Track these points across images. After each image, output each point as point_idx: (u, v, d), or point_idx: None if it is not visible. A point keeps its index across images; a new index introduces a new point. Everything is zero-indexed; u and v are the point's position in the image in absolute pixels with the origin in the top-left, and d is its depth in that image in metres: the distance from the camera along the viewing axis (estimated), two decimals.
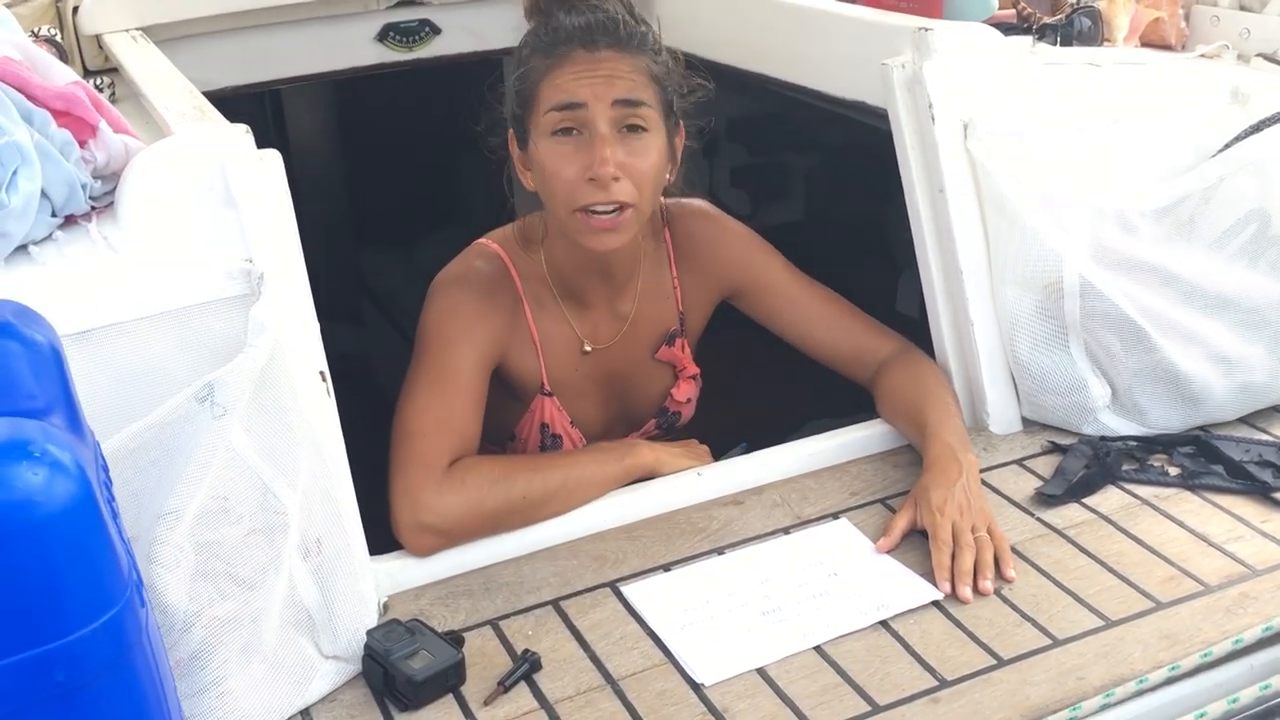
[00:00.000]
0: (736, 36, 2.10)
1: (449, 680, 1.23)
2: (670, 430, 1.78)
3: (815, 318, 1.74)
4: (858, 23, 1.88)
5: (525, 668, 1.25)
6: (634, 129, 1.49)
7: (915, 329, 1.77)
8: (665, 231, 1.74)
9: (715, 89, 1.64)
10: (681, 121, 1.60)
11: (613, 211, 1.48)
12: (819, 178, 2.58)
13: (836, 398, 1.96)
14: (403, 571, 1.41)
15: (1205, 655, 1.25)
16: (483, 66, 1.81)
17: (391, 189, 3.64)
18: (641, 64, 1.51)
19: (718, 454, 1.70)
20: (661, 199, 1.68)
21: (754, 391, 1.93)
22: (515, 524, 1.47)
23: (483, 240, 1.69)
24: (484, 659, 1.28)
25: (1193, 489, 1.55)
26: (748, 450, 1.72)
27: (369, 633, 1.27)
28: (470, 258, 1.67)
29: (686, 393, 1.77)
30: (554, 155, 1.49)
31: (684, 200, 1.75)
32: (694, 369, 1.77)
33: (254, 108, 3.22)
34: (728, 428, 1.87)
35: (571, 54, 1.49)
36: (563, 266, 1.64)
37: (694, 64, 1.63)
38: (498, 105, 1.62)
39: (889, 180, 1.73)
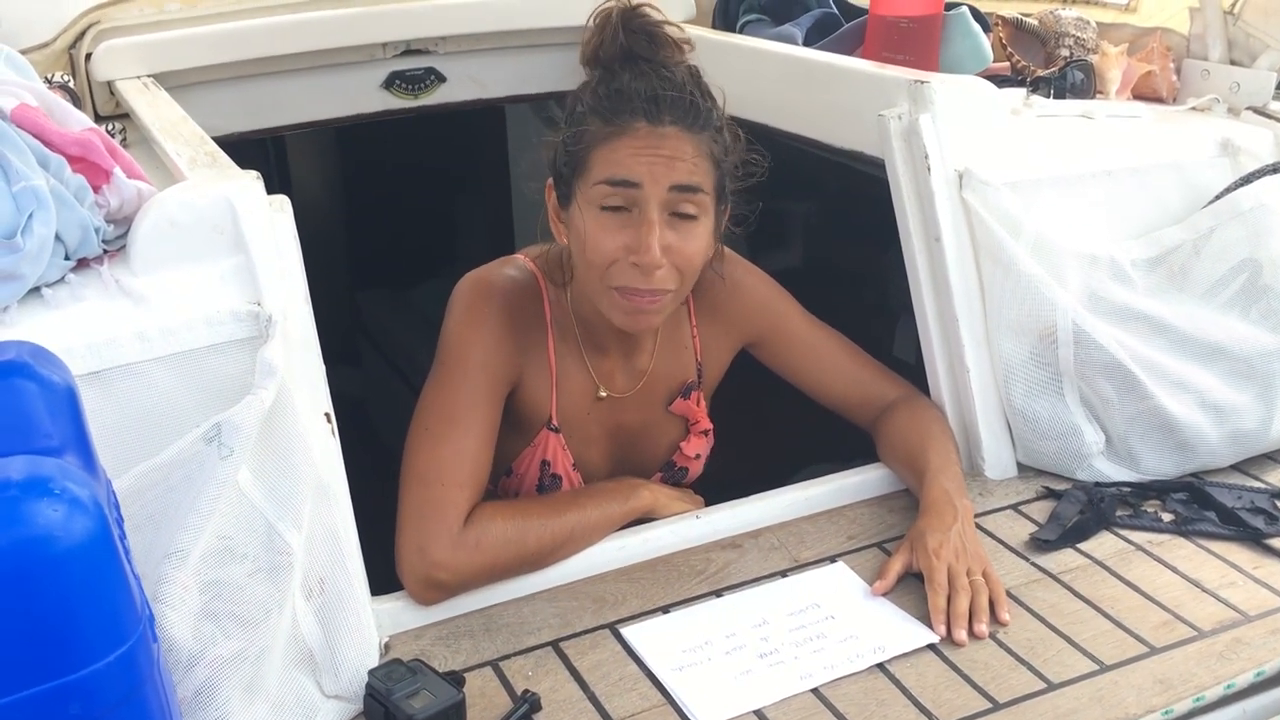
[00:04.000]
0: (736, 88, 2.13)
1: None
2: (677, 484, 1.76)
3: (829, 367, 1.74)
4: (855, 74, 1.91)
5: (525, 708, 1.26)
6: (685, 216, 1.44)
7: (912, 374, 1.79)
8: None
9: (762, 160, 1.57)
10: (729, 199, 1.54)
11: (652, 297, 1.45)
12: (817, 225, 2.61)
13: (833, 443, 1.98)
14: (404, 612, 1.42)
15: (1198, 700, 1.26)
16: (486, 115, 1.84)
17: (394, 233, 3.67)
18: (703, 145, 1.45)
19: (711, 500, 1.70)
20: None
21: (751, 437, 1.95)
22: (523, 573, 1.47)
23: (520, 255, 1.65)
24: (484, 699, 1.29)
25: (1186, 535, 1.56)
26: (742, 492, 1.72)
27: (371, 672, 1.28)
28: (504, 266, 1.62)
29: (696, 448, 1.75)
30: (598, 228, 1.43)
31: None
32: (707, 424, 1.75)
33: (259, 153, 3.27)
34: (724, 473, 1.89)
35: (633, 126, 1.42)
36: (586, 314, 1.61)
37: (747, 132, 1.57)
38: (536, 146, 1.58)
39: (886, 228, 1.76)
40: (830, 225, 2.56)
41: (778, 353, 1.75)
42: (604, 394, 1.67)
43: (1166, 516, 1.60)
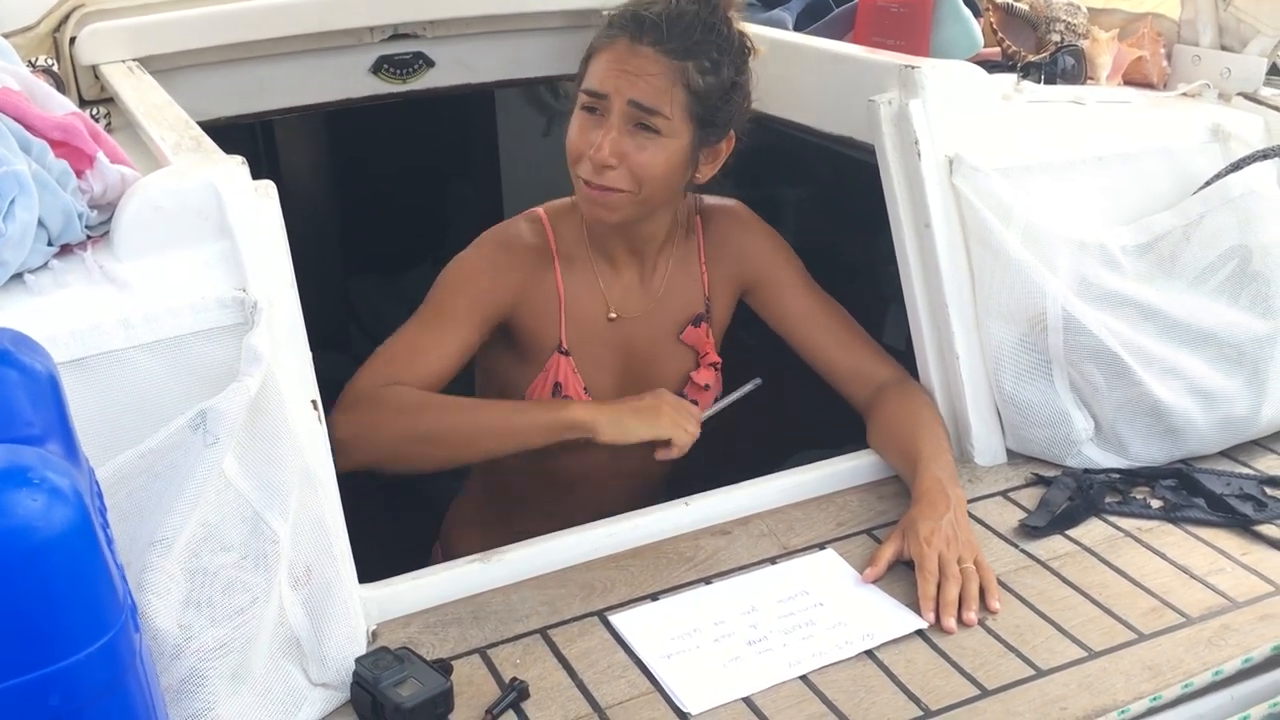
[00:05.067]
0: None
1: (437, 709, 1.23)
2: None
3: (822, 327, 1.77)
4: (846, 59, 1.90)
5: (513, 696, 1.26)
6: (645, 128, 1.56)
7: (902, 360, 1.79)
8: (699, 224, 1.80)
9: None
10: (733, 132, 1.66)
11: (605, 189, 1.58)
12: (808, 211, 2.61)
13: (824, 428, 1.97)
14: (391, 600, 1.41)
15: (1186, 686, 1.26)
16: (476, 99, 1.83)
17: (384, 218, 3.65)
18: (676, 71, 1.56)
19: (707, 485, 1.70)
20: (700, 199, 1.79)
21: (741, 422, 1.95)
22: (421, 460, 1.52)
23: (536, 207, 1.78)
24: (472, 687, 1.28)
25: (1175, 521, 1.56)
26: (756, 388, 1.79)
27: (358, 661, 1.27)
28: (514, 218, 1.76)
29: (706, 378, 1.78)
30: (576, 125, 1.61)
31: (721, 200, 1.84)
32: (715, 356, 1.80)
33: (247, 138, 3.25)
34: (715, 459, 1.89)
35: (617, 41, 1.58)
36: (598, 229, 1.71)
37: None
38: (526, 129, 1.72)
39: (876, 214, 1.76)
40: (820, 211, 2.56)
41: (772, 301, 1.80)
42: (614, 315, 1.74)
43: (1155, 503, 1.60)
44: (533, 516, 1.73)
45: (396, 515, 2.46)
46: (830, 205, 2.49)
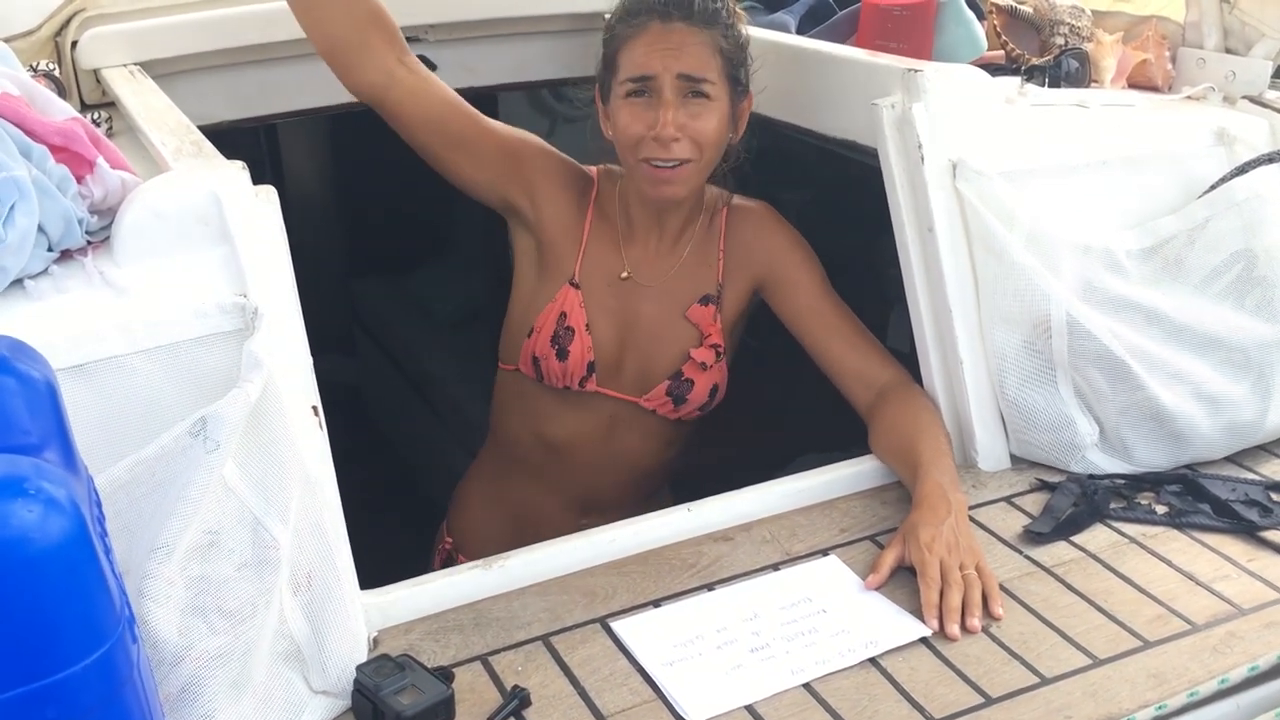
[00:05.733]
0: None
1: (438, 716, 1.23)
2: (679, 404, 1.81)
3: (831, 327, 1.80)
4: (849, 63, 1.90)
5: (515, 704, 1.25)
6: (697, 95, 1.66)
7: (906, 364, 1.78)
8: (724, 214, 1.85)
9: None
10: (750, 90, 1.76)
11: (673, 166, 1.66)
12: (810, 214, 2.59)
13: (825, 433, 1.97)
14: (393, 606, 1.41)
15: (1192, 695, 1.25)
16: (480, 103, 1.82)
17: (385, 221, 3.65)
18: (708, 39, 1.67)
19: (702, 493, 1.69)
20: (731, 196, 1.85)
21: (743, 426, 1.94)
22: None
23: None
24: (473, 695, 1.28)
25: (1180, 528, 1.56)
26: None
27: (358, 668, 1.27)
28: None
29: (704, 357, 1.80)
30: (627, 113, 1.68)
31: (748, 200, 1.88)
32: (719, 339, 1.81)
33: (250, 141, 3.25)
34: (715, 462, 1.88)
35: (648, 26, 1.68)
36: (630, 201, 1.80)
37: None
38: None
39: (880, 217, 1.75)
40: (823, 215, 2.55)
41: (785, 298, 1.83)
42: (626, 274, 1.81)
43: (1160, 509, 1.59)
44: (529, 486, 1.87)
45: (397, 513, 2.46)
46: (832, 209, 2.49)
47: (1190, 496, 1.61)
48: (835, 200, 2.44)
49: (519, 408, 1.88)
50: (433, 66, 2.38)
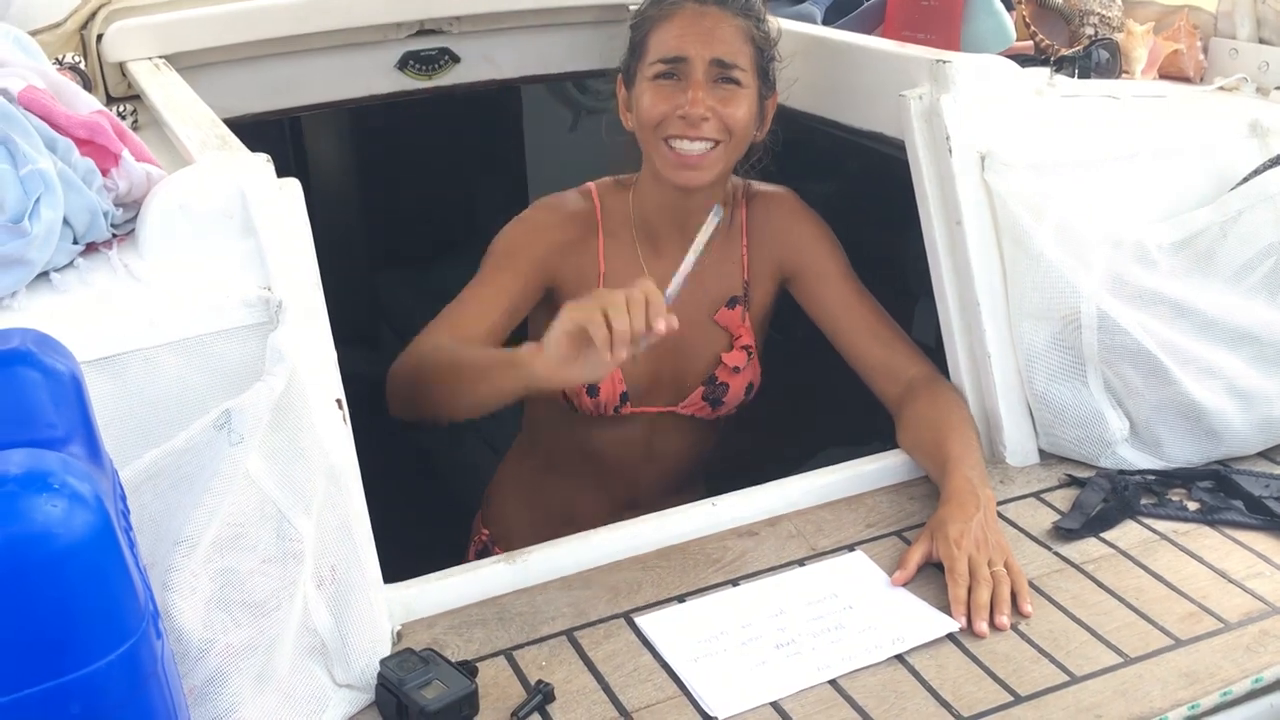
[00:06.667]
0: None
1: (462, 711, 1.22)
2: (717, 407, 1.79)
3: (859, 320, 1.77)
4: (875, 54, 1.88)
5: (539, 699, 1.25)
6: (728, 81, 1.64)
7: (932, 356, 1.76)
8: (744, 206, 1.82)
9: None
10: (773, 86, 1.73)
11: (699, 152, 1.63)
12: (836, 206, 2.57)
13: (850, 425, 1.95)
14: (416, 600, 1.40)
15: (1225, 694, 1.24)
16: (501, 95, 1.82)
17: (408, 214, 3.65)
18: (742, 27, 1.66)
19: (728, 486, 1.68)
20: (750, 185, 1.82)
21: (767, 419, 1.93)
22: (430, 400, 1.57)
23: (588, 182, 1.82)
24: (497, 689, 1.27)
25: (1212, 524, 1.53)
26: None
27: (382, 662, 1.27)
28: (565, 191, 1.81)
29: (736, 360, 1.78)
30: (654, 93, 1.65)
31: (772, 186, 1.85)
32: (749, 340, 1.79)
33: (274, 134, 3.25)
34: (740, 455, 1.87)
35: (682, 7, 1.65)
36: (646, 207, 1.76)
37: None
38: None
39: (906, 209, 1.73)
40: (849, 207, 2.53)
41: (812, 291, 1.81)
42: None
43: (1192, 505, 1.57)
44: (569, 485, 1.83)
45: (421, 506, 2.46)
46: (859, 201, 2.47)
47: (1222, 493, 1.59)
48: (860, 192, 2.42)
49: (553, 424, 1.85)
50: (456, 60, 2.39)
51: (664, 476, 1.85)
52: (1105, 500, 1.57)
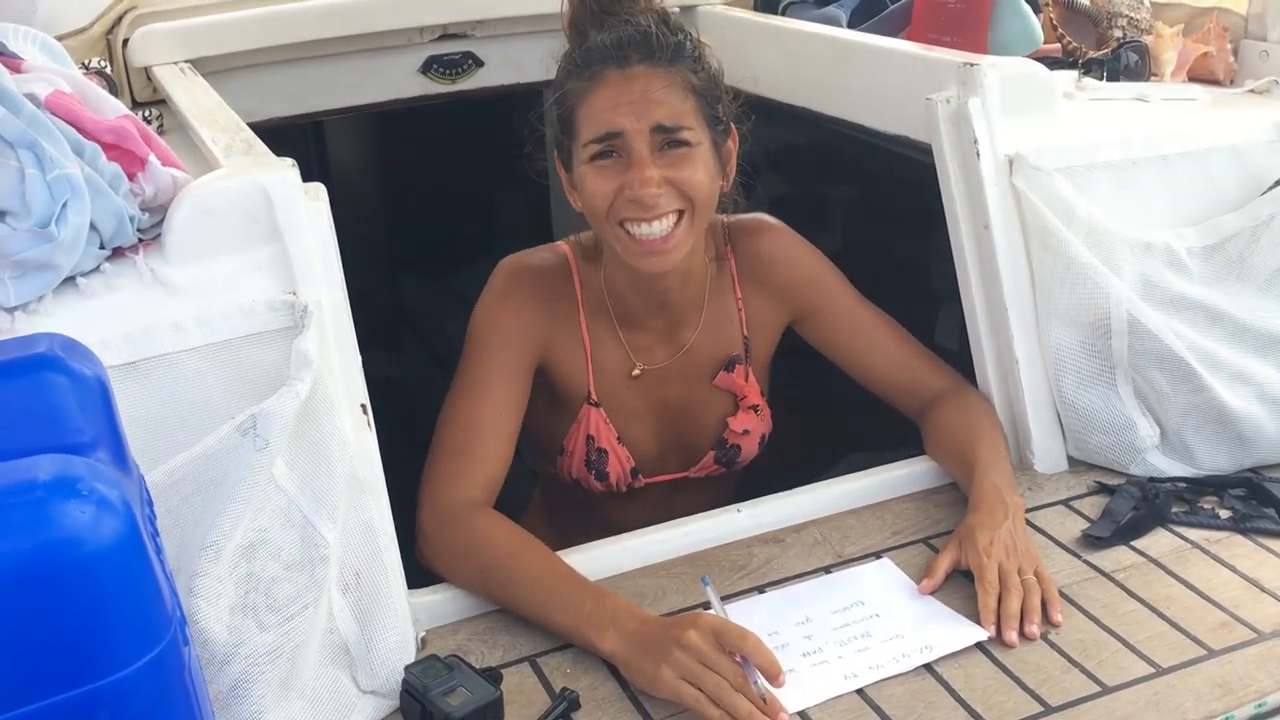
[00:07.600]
0: (779, 70, 2.10)
1: (487, 718, 1.22)
2: (731, 466, 1.74)
3: (875, 347, 1.70)
4: (902, 57, 1.87)
5: (564, 706, 1.24)
6: (677, 144, 1.47)
7: (955, 362, 1.75)
8: (729, 251, 1.69)
9: (755, 120, 1.62)
10: (733, 126, 1.56)
11: (662, 231, 1.47)
12: (859, 209, 2.57)
13: (874, 431, 1.94)
14: (441, 606, 1.40)
15: (1260, 705, 1.22)
16: (525, 98, 1.82)
17: (432, 218, 3.66)
18: (677, 77, 1.47)
19: (753, 493, 1.65)
20: (722, 218, 1.67)
21: (790, 424, 1.92)
22: (488, 590, 1.40)
23: (559, 242, 1.69)
24: (522, 696, 1.27)
25: (1244, 532, 1.51)
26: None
27: (407, 668, 1.26)
28: (539, 250, 1.67)
29: (745, 423, 1.71)
30: (596, 176, 1.48)
31: (744, 217, 1.71)
32: (755, 399, 1.71)
33: (299, 138, 3.26)
34: (761, 464, 1.86)
35: (604, 75, 1.46)
36: (619, 288, 1.62)
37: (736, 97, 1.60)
38: (540, 127, 1.62)
39: (929, 213, 1.72)
40: (873, 210, 2.52)
41: (824, 330, 1.71)
42: (638, 372, 1.66)
43: (1224, 513, 1.55)
44: (598, 534, 1.65)
45: None
46: (883, 204, 2.46)
47: (1255, 500, 1.57)
48: (885, 195, 2.41)
49: (569, 503, 1.78)
50: (480, 63, 2.39)
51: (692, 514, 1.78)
52: (1136, 508, 1.56)
